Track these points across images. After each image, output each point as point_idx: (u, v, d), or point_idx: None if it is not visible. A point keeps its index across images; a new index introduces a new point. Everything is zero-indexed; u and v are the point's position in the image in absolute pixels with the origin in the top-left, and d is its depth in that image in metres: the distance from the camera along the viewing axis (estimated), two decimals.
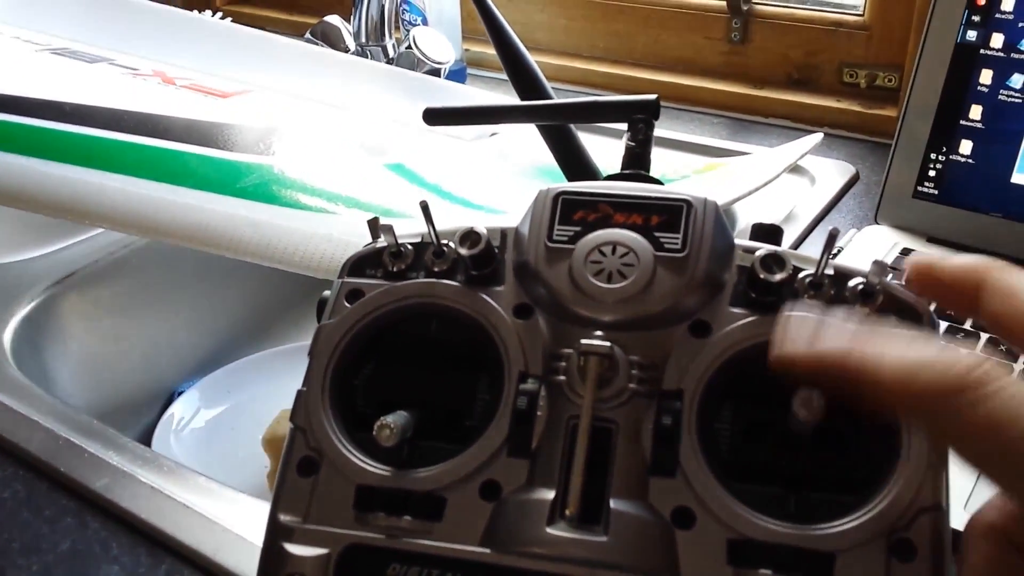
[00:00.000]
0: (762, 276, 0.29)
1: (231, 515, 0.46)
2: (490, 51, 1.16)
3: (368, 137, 0.81)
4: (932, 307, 0.29)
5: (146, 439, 0.74)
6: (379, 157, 0.78)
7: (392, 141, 0.82)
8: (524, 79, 0.49)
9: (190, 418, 0.78)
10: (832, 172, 0.84)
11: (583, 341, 0.28)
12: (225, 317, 0.88)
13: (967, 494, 0.45)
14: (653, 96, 0.36)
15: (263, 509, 0.47)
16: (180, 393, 0.81)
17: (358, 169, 0.74)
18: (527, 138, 0.84)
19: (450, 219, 0.32)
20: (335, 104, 0.86)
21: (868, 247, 0.69)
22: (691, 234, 0.30)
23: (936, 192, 0.69)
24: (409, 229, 0.34)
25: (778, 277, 0.29)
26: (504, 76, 1.13)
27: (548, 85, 0.49)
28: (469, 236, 0.31)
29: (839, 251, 0.68)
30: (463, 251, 0.31)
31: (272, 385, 0.83)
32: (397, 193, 0.71)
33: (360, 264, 0.33)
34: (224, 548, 0.43)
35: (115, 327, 0.79)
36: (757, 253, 0.29)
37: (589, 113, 0.39)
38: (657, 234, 0.30)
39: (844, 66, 0.97)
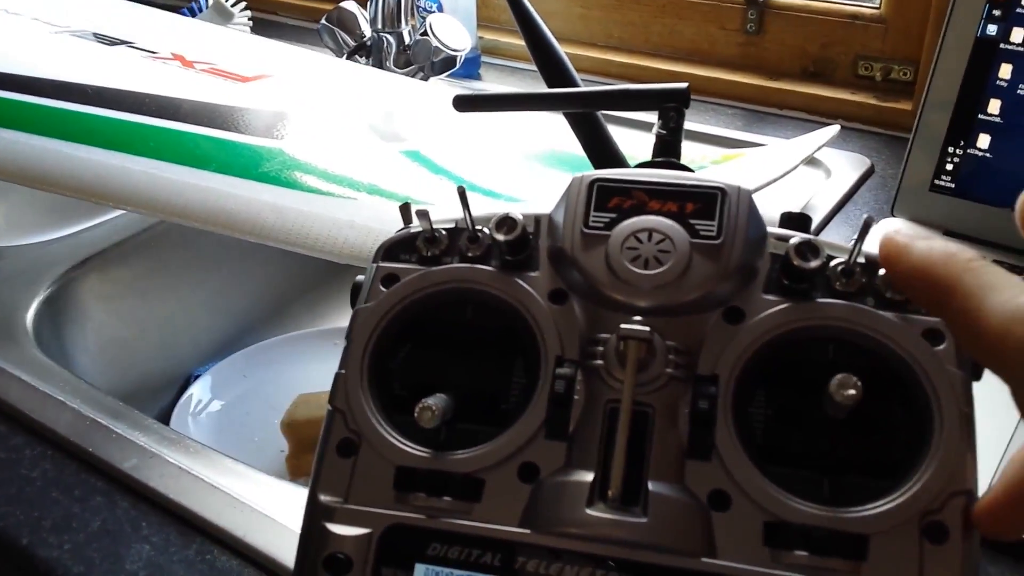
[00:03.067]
0: (796, 263, 0.29)
1: (259, 496, 0.46)
2: (504, 39, 1.17)
3: (384, 123, 0.82)
4: None
5: (163, 421, 0.75)
6: (395, 144, 0.79)
7: (408, 128, 0.82)
8: (552, 67, 0.49)
9: (207, 401, 0.79)
10: (847, 164, 0.84)
11: (623, 326, 0.28)
12: (242, 301, 0.89)
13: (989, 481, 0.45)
14: (683, 85, 0.37)
15: (290, 491, 0.48)
16: (197, 376, 0.82)
17: (376, 156, 0.74)
18: (544, 125, 0.85)
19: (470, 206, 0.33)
20: (352, 90, 0.87)
21: None
22: (726, 221, 0.30)
23: (953, 186, 0.70)
24: (434, 215, 0.34)
25: (813, 264, 0.29)
26: (518, 64, 1.14)
27: (576, 73, 0.49)
28: (505, 222, 0.32)
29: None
30: (499, 236, 0.31)
31: (288, 369, 0.84)
32: (415, 180, 0.71)
33: (394, 249, 0.34)
34: (253, 529, 0.44)
35: (133, 310, 0.79)
36: (791, 241, 0.30)
37: (619, 101, 0.40)
38: (692, 221, 0.30)
39: (860, 59, 0.97)
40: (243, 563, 0.43)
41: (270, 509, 0.45)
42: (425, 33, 0.98)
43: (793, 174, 0.73)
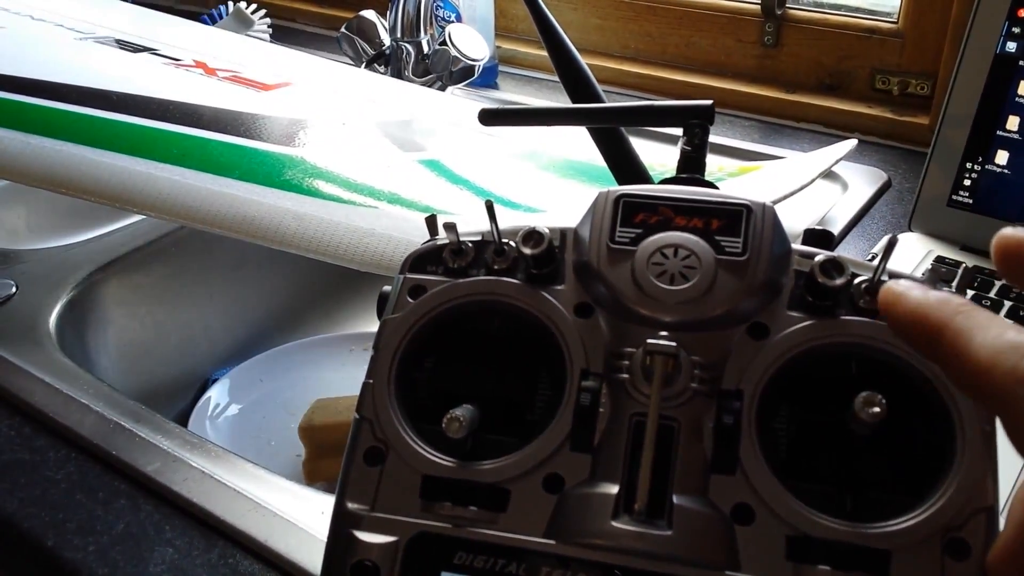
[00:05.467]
0: (821, 281, 0.30)
1: (280, 501, 0.47)
2: (522, 49, 1.17)
3: (403, 132, 0.82)
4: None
5: (181, 424, 0.76)
6: (414, 153, 0.79)
7: (427, 137, 0.83)
8: (576, 82, 0.50)
9: (225, 404, 0.79)
10: (864, 178, 0.85)
11: (650, 341, 0.29)
12: (258, 306, 0.90)
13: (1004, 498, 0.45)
14: (708, 101, 0.37)
15: (311, 496, 0.48)
16: (214, 380, 0.83)
17: (396, 165, 0.75)
18: (562, 136, 0.85)
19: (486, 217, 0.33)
20: (373, 98, 0.87)
21: (902, 254, 0.69)
22: (751, 238, 0.31)
23: (971, 201, 0.70)
24: (459, 227, 0.34)
25: (838, 282, 0.30)
26: (536, 74, 1.15)
27: (600, 88, 0.50)
28: (532, 235, 0.32)
29: (872, 257, 0.69)
30: (526, 250, 0.32)
31: (304, 374, 0.84)
32: (434, 189, 0.72)
33: (421, 260, 0.34)
34: (276, 534, 0.44)
35: (153, 313, 0.80)
36: (816, 259, 0.30)
37: (644, 117, 0.40)
38: (718, 238, 0.31)
39: (876, 73, 0.97)
40: (265, 567, 0.43)
41: (291, 514, 0.46)
42: (444, 42, 0.99)
43: (810, 187, 0.74)
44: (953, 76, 0.69)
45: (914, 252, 0.70)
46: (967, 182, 0.70)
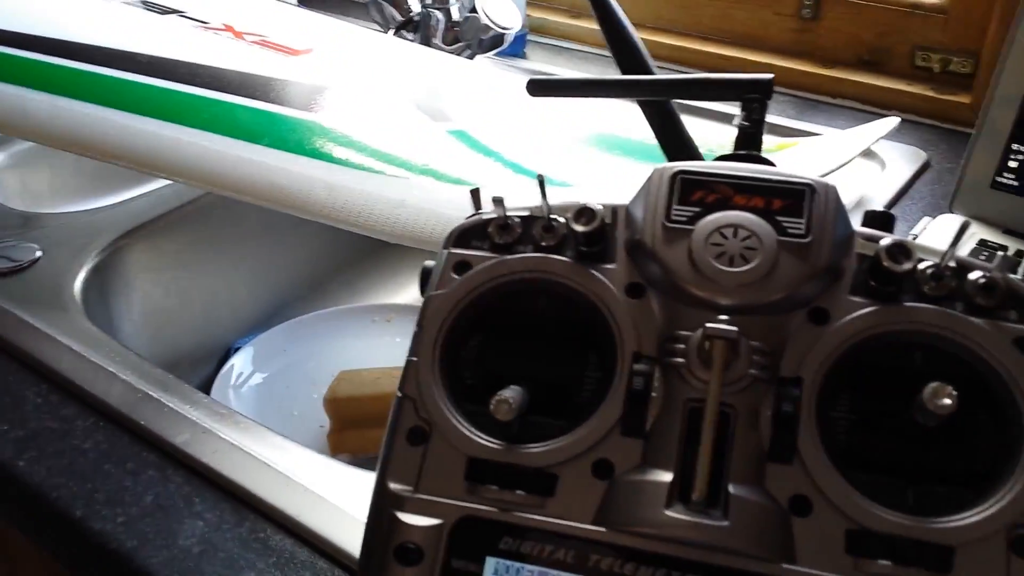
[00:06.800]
0: (887, 265, 0.28)
1: (311, 475, 0.46)
2: (552, 17, 1.15)
3: (431, 101, 0.81)
4: None
5: (203, 391, 0.75)
6: (443, 123, 0.78)
7: (454, 107, 0.81)
8: (626, 53, 0.48)
9: (248, 373, 0.79)
10: (903, 157, 0.83)
11: (709, 325, 0.28)
12: (282, 275, 0.89)
13: None
14: (768, 76, 0.36)
15: (342, 471, 0.47)
16: (237, 348, 0.82)
17: (424, 135, 0.74)
18: (593, 108, 0.84)
19: (517, 191, 0.32)
20: (400, 66, 0.86)
21: (943, 236, 0.68)
22: (814, 220, 0.29)
23: (1016, 184, 0.68)
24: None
25: (904, 267, 0.28)
26: (565, 44, 1.13)
27: (651, 60, 0.48)
28: (584, 212, 0.31)
29: (914, 238, 0.67)
30: (578, 227, 0.31)
31: (326, 345, 0.83)
32: (464, 160, 0.70)
33: (466, 235, 0.33)
34: (307, 510, 0.44)
35: (177, 280, 0.79)
36: (882, 242, 0.29)
37: (698, 90, 0.39)
38: (779, 218, 0.30)
39: (918, 49, 0.95)
40: (297, 543, 0.43)
41: (322, 489, 0.45)
42: (474, 10, 0.97)
43: (847, 166, 0.72)
44: (1004, 56, 0.67)
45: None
46: (1013, 164, 0.68)
